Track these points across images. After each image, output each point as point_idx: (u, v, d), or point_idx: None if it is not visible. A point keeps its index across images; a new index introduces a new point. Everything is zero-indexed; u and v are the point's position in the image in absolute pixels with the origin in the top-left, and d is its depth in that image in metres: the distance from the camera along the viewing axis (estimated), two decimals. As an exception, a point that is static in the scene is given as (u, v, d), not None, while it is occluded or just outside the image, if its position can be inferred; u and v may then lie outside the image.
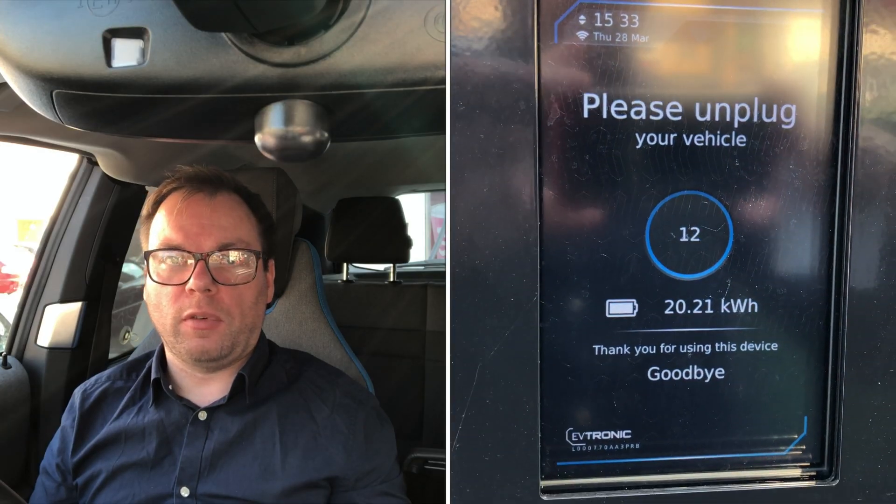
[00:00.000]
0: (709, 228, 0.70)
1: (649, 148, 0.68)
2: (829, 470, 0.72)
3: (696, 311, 0.71)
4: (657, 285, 0.70)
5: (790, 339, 0.72)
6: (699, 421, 0.72)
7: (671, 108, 0.68)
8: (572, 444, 0.70)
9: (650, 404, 0.71)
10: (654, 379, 0.71)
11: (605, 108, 0.67)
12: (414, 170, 3.44)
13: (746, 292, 0.71)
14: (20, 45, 0.85)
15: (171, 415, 1.45)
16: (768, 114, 0.69)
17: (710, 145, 0.69)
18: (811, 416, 0.73)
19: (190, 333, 1.35)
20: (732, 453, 0.72)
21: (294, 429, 1.44)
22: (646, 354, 0.71)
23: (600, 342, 0.70)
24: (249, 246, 1.42)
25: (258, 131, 0.92)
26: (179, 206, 1.39)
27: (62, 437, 1.54)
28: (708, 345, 0.71)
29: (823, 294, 0.71)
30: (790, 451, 0.73)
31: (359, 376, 1.79)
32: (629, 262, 0.69)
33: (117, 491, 1.42)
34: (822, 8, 0.69)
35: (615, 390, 0.71)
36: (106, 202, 2.44)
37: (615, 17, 0.67)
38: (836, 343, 0.71)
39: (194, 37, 0.83)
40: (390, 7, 0.81)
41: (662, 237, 0.70)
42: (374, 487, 1.46)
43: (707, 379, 0.71)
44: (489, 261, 0.65)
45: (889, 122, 0.69)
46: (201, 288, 1.32)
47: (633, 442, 0.71)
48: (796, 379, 0.72)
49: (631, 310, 0.70)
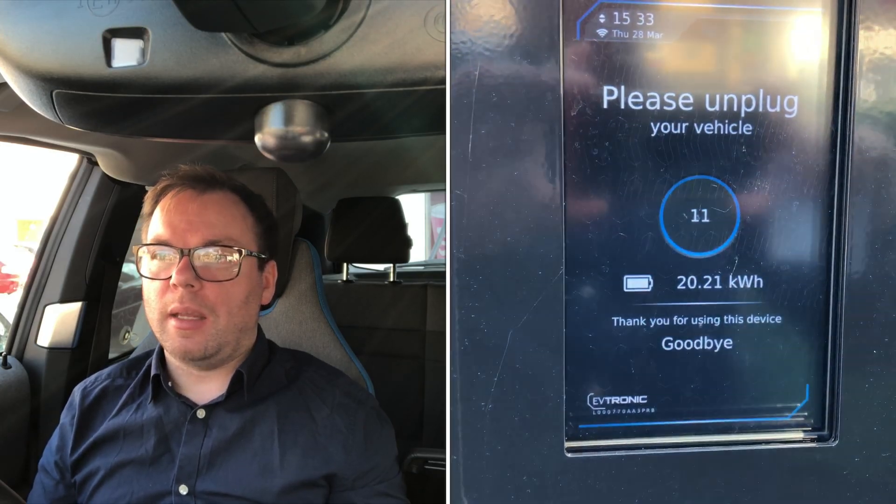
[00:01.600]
0: (718, 210, 0.75)
1: (663, 136, 0.73)
2: (829, 433, 0.77)
3: (706, 287, 0.76)
4: (670, 262, 0.75)
5: (793, 312, 0.77)
6: (709, 387, 0.77)
7: (683, 99, 0.73)
8: (593, 408, 0.76)
9: (664, 372, 0.76)
10: (667, 349, 0.76)
11: (622, 100, 0.72)
12: (414, 170, 3.42)
13: (752, 269, 0.76)
14: (20, 45, 0.85)
15: (169, 412, 1.46)
16: (772, 104, 0.74)
17: (719, 133, 0.74)
18: (812, 383, 0.78)
19: (173, 333, 1.36)
20: (740, 417, 0.77)
21: (293, 427, 1.45)
22: (660, 326, 0.76)
23: (618, 314, 0.75)
24: (239, 244, 1.42)
25: (258, 131, 0.93)
26: (170, 203, 1.41)
27: (61, 434, 1.54)
28: (717, 318, 0.76)
29: (823, 270, 0.76)
30: (793, 416, 0.78)
31: (359, 376, 1.81)
32: (645, 240, 0.75)
33: (115, 488, 1.43)
34: (822, 7, 0.74)
35: (632, 359, 0.76)
36: (106, 202, 2.44)
37: (632, 15, 0.72)
38: (835, 316, 0.76)
39: (194, 37, 0.84)
40: (390, 7, 0.82)
41: (675, 218, 0.75)
42: (372, 487, 1.47)
43: (716, 349, 0.77)
44: (519, 237, 0.70)
45: (883, 112, 0.74)
46: (182, 283, 1.33)
47: (649, 406, 0.77)
48: (798, 349, 0.78)
49: (646, 285, 0.75)
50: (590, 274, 0.74)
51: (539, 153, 0.70)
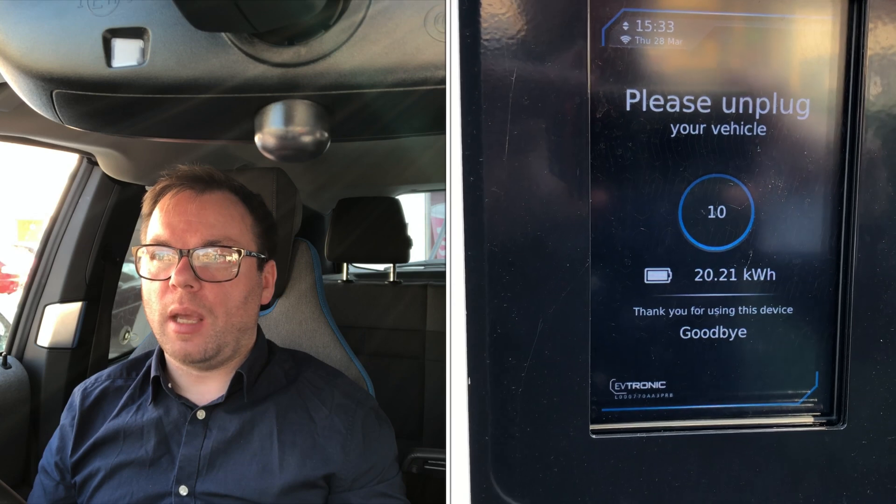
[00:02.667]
0: (733, 206, 0.79)
1: (682, 137, 0.78)
2: (837, 417, 0.82)
3: (721, 279, 0.81)
4: (688, 256, 0.80)
5: (804, 303, 0.81)
6: (724, 374, 0.82)
7: (701, 102, 0.78)
8: (615, 393, 0.80)
9: (682, 359, 0.81)
10: (685, 337, 0.81)
11: (644, 102, 0.77)
12: (414, 170, 3.44)
13: (766, 262, 0.81)
14: (20, 45, 0.86)
15: (169, 413, 1.48)
16: (786, 107, 0.79)
17: (735, 134, 0.78)
18: (822, 371, 0.83)
19: (172, 336, 1.37)
20: (753, 403, 0.82)
21: (292, 428, 1.46)
22: (678, 316, 0.80)
23: (639, 305, 0.80)
24: (238, 244, 1.43)
25: (258, 131, 0.94)
26: (169, 203, 1.42)
27: (61, 435, 1.56)
28: (732, 308, 0.81)
29: (833, 264, 0.81)
30: (803, 402, 0.83)
31: (359, 376, 1.83)
32: (664, 235, 0.79)
33: (115, 489, 1.44)
34: (832, 14, 0.78)
35: (652, 347, 0.81)
36: (106, 202, 2.47)
37: (654, 23, 0.77)
38: (843, 306, 0.80)
39: (194, 37, 0.85)
40: (390, 7, 0.84)
41: (693, 214, 0.79)
42: (371, 488, 1.49)
43: (731, 338, 0.81)
44: (549, 232, 0.75)
45: (891, 115, 0.78)
46: (182, 283, 1.34)
47: (668, 391, 0.81)
48: (809, 338, 0.82)
49: (666, 277, 0.80)
50: (613, 267, 0.79)
51: (568, 153, 0.75)
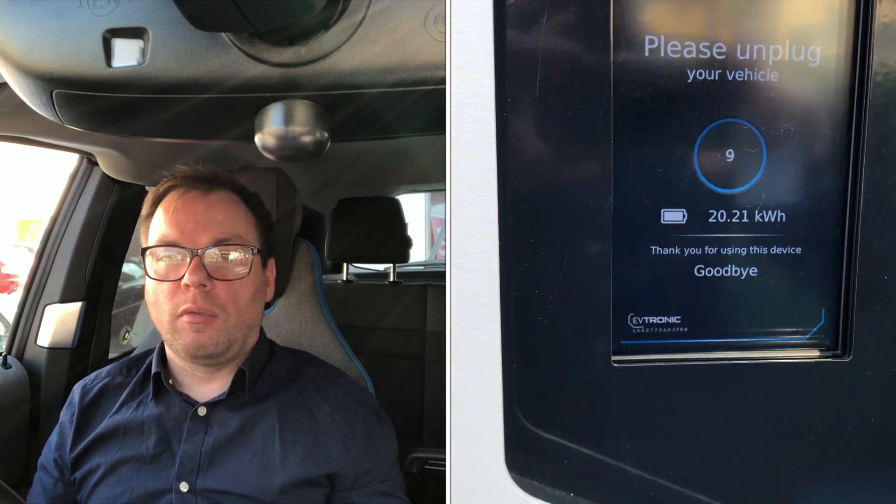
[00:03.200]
0: (746, 150, 0.83)
1: (698, 82, 0.81)
2: (842, 351, 0.86)
3: (734, 220, 0.84)
4: (703, 197, 0.84)
5: (812, 243, 0.85)
6: (736, 310, 0.86)
7: (717, 49, 0.81)
8: (633, 327, 0.85)
9: (696, 295, 0.85)
10: (699, 275, 0.85)
11: (662, 48, 0.81)
12: (414, 170, 3.46)
13: (776, 204, 0.84)
14: (20, 45, 0.87)
15: (170, 410, 1.48)
16: (797, 54, 0.82)
17: (749, 80, 0.82)
18: (828, 308, 0.87)
19: (186, 328, 1.37)
20: (763, 337, 0.86)
21: (294, 426, 1.47)
22: (693, 255, 0.84)
23: (656, 244, 0.84)
24: (246, 242, 1.45)
25: (258, 131, 0.96)
26: (175, 203, 1.42)
27: (60, 432, 1.57)
28: (744, 248, 0.85)
29: (841, 205, 0.84)
30: (810, 336, 0.87)
31: (359, 376, 1.84)
32: (680, 177, 0.83)
33: (115, 486, 1.45)
34: None
35: (668, 283, 0.85)
36: (106, 202, 2.49)
37: None
38: (850, 246, 0.84)
39: (194, 37, 0.86)
40: (390, 7, 0.85)
41: (708, 157, 0.83)
42: (373, 487, 1.50)
43: (743, 276, 0.85)
44: (574, 169, 0.79)
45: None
46: (196, 283, 1.35)
47: (682, 326, 0.85)
48: (816, 277, 0.86)
49: (681, 217, 0.84)
50: (632, 206, 0.83)
51: (590, 94, 0.79)
